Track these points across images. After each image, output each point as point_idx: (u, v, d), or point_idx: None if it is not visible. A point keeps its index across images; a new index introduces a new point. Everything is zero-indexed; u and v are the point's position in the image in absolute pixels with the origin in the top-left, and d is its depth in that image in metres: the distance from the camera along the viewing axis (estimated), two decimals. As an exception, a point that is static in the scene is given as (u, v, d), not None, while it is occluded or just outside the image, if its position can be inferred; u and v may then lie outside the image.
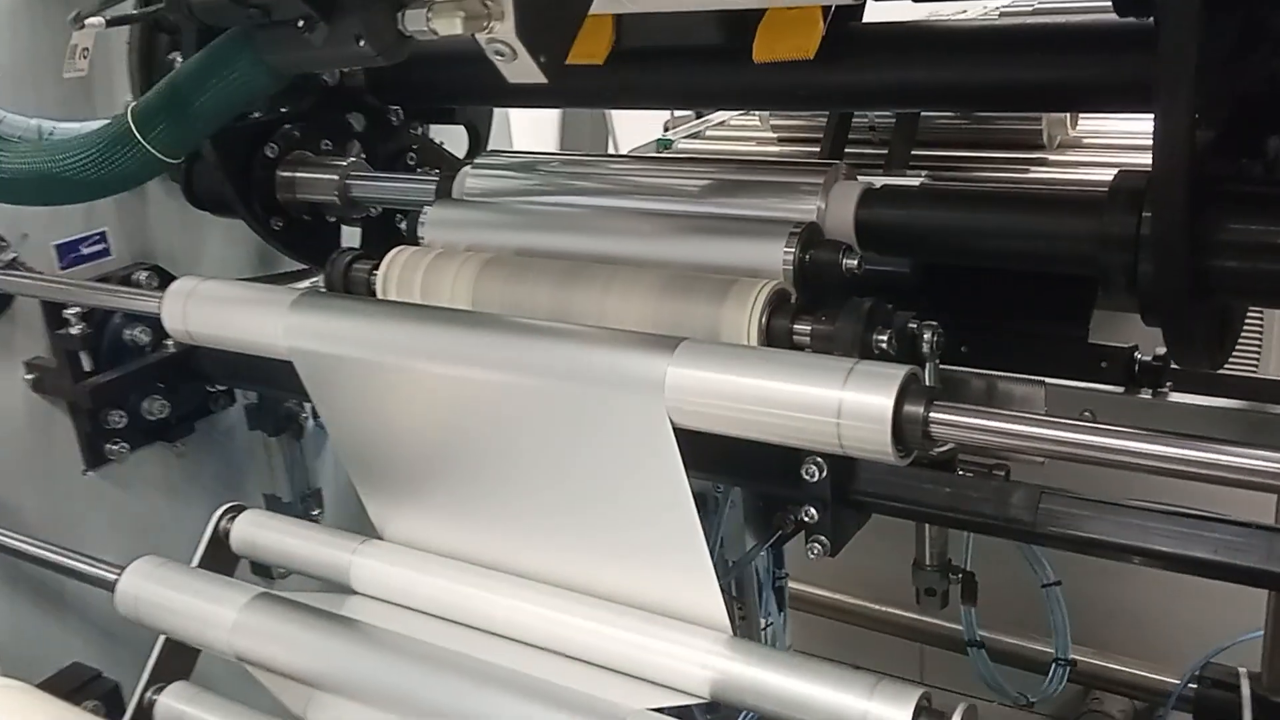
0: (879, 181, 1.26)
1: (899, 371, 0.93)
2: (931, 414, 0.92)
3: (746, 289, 1.13)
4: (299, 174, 1.60)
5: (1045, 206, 1.18)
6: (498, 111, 2.20)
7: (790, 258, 1.15)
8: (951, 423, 0.92)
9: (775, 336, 1.12)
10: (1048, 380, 1.35)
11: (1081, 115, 1.96)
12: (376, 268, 1.34)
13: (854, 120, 1.85)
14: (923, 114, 1.76)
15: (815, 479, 1.15)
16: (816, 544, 1.18)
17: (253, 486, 1.93)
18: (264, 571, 1.66)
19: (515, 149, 1.82)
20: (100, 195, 1.27)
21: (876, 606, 2.38)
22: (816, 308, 1.14)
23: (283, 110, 1.64)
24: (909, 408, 0.92)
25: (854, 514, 1.22)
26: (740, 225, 1.21)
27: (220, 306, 1.29)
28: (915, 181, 1.34)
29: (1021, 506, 1.13)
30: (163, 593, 1.31)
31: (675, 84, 1.44)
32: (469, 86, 1.65)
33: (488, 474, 1.22)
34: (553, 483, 1.17)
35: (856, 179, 1.27)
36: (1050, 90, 1.23)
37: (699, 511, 1.57)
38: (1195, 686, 1.58)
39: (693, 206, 1.29)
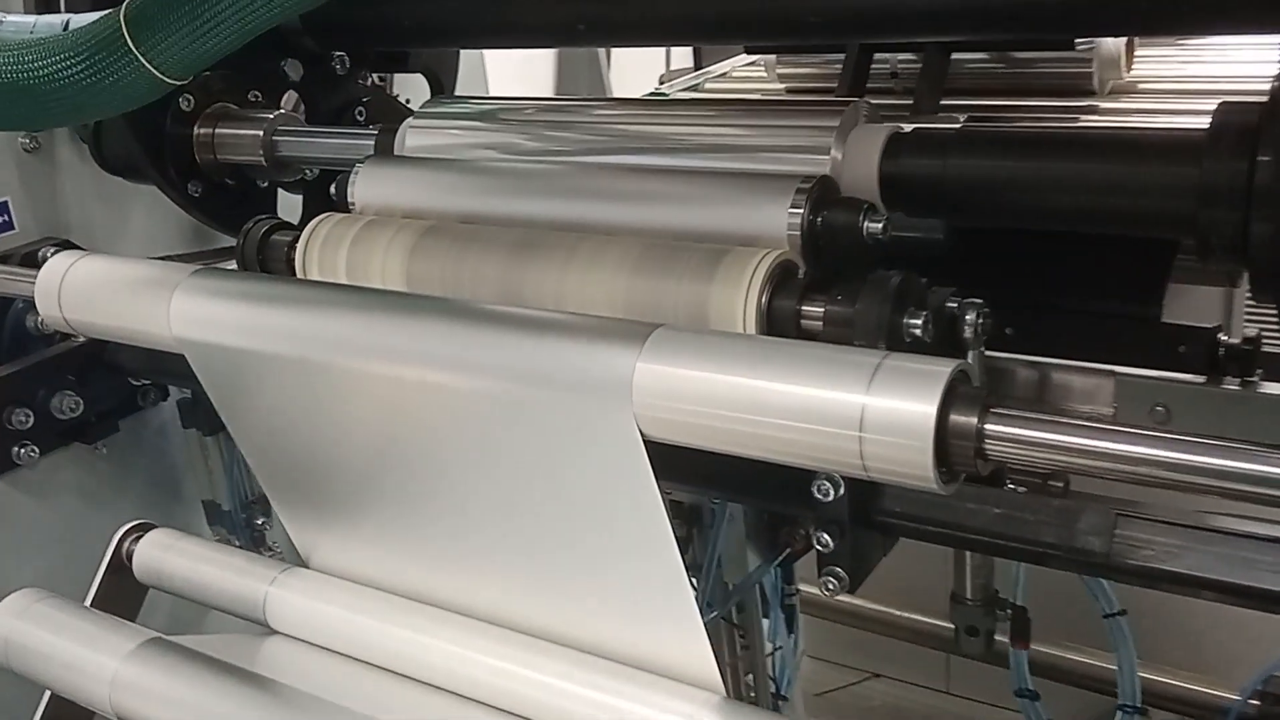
0: (909, 127, 1.01)
1: (943, 369, 0.69)
2: (988, 426, 0.68)
3: (741, 261, 0.88)
4: (219, 130, 1.35)
5: (1123, 152, 0.93)
6: (471, 58, 1.96)
7: (798, 220, 0.91)
8: (1017, 439, 0.68)
9: (778, 321, 0.88)
10: (1114, 369, 1.11)
11: (1137, 56, 1.70)
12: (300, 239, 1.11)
13: (874, 67, 1.60)
14: (954, 55, 1.50)
15: (830, 498, 0.91)
16: (831, 579, 0.95)
17: (190, 492, 1.70)
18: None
19: (469, 95, 1.57)
20: (77, 119, 0.97)
21: (900, 613, 2.14)
22: (831, 284, 0.89)
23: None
24: (958, 418, 0.68)
25: (878, 539, 0.99)
26: (736, 182, 0.97)
27: (99, 289, 1.06)
28: (953, 125, 1.09)
29: (1092, 533, 0.90)
30: (38, 636, 1.08)
31: (658, 14, 1.19)
32: (420, 26, 1.40)
33: (423, 493, 0.98)
34: (501, 506, 0.93)
35: (880, 122, 1.02)
36: (1130, 7, 0.97)
37: (692, 526, 1.35)
38: (1257, 703, 1.35)
39: (679, 160, 1.04)
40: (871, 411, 0.69)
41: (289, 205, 1.51)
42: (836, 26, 1.09)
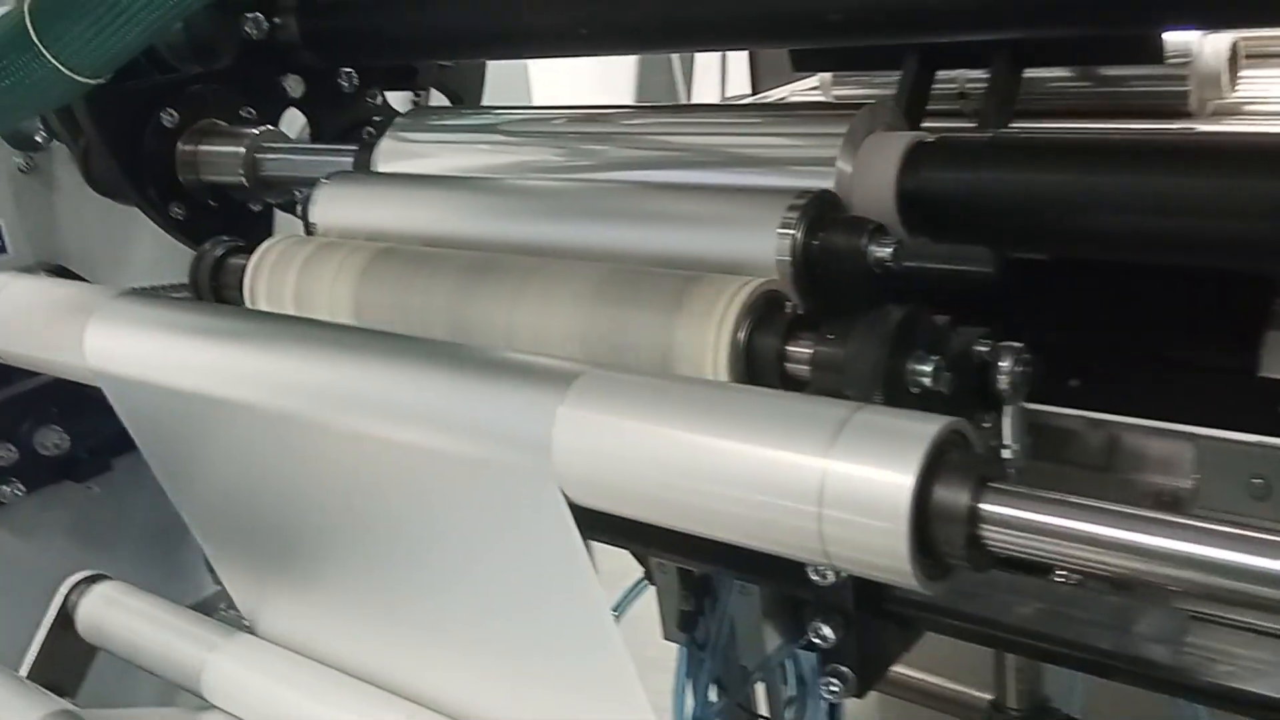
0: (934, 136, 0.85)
1: (928, 426, 0.52)
2: (984, 505, 0.51)
3: (715, 290, 0.73)
4: (201, 148, 1.25)
5: (1212, 162, 0.75)
6: (514, 73, 1.84)
7: (788, 243, 0.75)
8: (1023, 524, 0.51)
9: (757, 364, 0.71)
10: (1198, 431, 0.92)
11: (1242, 75, 1.49)
12: (260, 264, 0.98)
13: (940, 87, 1.43)
14: (1030, 73, 1.32)
15: (829, 580, 0.75)
16: (834, 680, 0.78)
17: (194, 538, 1.59)
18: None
19: (450, 106, 1.44)
20: None
21: (949, 685, 1.91)
22: (829, 321, 0.73)
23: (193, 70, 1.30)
24: (945, 493, 0.51)
25: (893, 633, 0.81)
26: (722, 198, 0.81)
27: (18, 313, 0.94)
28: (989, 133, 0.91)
29: (1157, 639, 0.71)
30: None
31: (669, 18, 1.05)
32: (420, 38, 1.28)
33: (362, 557, 0.84)
34: (435, 575, 0.79)
35: (902, 130, 0.86)
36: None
37: (703, 598, 1.19)
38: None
39: (667, 174, 0.89)
40: (834, 480, 0.52)
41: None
42: (862, 23, 0.93)
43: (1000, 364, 0.76)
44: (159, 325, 0.86)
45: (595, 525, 0.90)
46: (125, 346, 0.87)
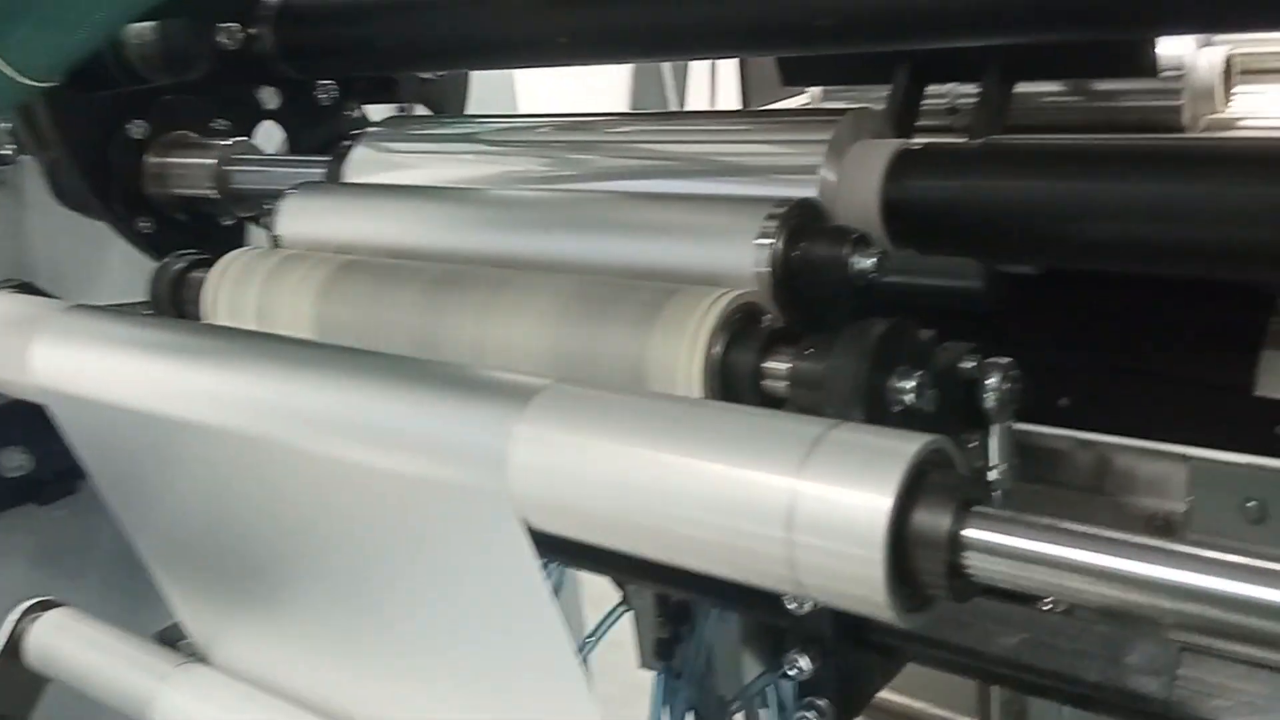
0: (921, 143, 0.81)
1: (907, 444, 0.49)
2: (967, 532, 0.47)
3: (691, 302, 0.69)
4: (169, 159, 1.21)
5: (1212, 166, 0.71)
6: (500, 85, 1.81)
7: (767, 253, 0.72)
8: (1010, 551, 0.47)
9: (733, 380, 0.68)
10: (1191, 451, 0.89)
11: (1236, 90, 1.47)
12: (223, 278, 0.95)
13: (930, 102, 1.40)
14: (1021, 88, 1.29)
15: (805, 609, 0.71)
16: (810, 713, 0.74)
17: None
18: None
19: (426, 115, 1.41)
20: None
21: (933, 710, 1.87)
22: (809, 335, 0.70)
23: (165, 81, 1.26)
24: (925, 517, 0.48)
25: (875, 662, 0.78)
26: (700, 207, 0.78)
27: (-35, 328, 0.91)
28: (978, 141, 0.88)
29: (1148, 671, 0.68)
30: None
31: (653, 25, 1.02)
32: (407, 49, 1.25)
33: (318, 584, 0.81)
34: (398, 606, 0.75)
35: (888, 138, 0.82)
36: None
37: (679, 625, 1.15)
38: None
39: (645, 183, 0.86)
40: (805, 503, 0.49)
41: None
42: (851, 29, 0.90)
43: (987, 380, 0.72)
44: (107, 340, 0.83)
45: (568, 550, 0.87)
46: (73, 362, 0.84)
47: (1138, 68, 1.13)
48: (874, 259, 0.71)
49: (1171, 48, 1.37)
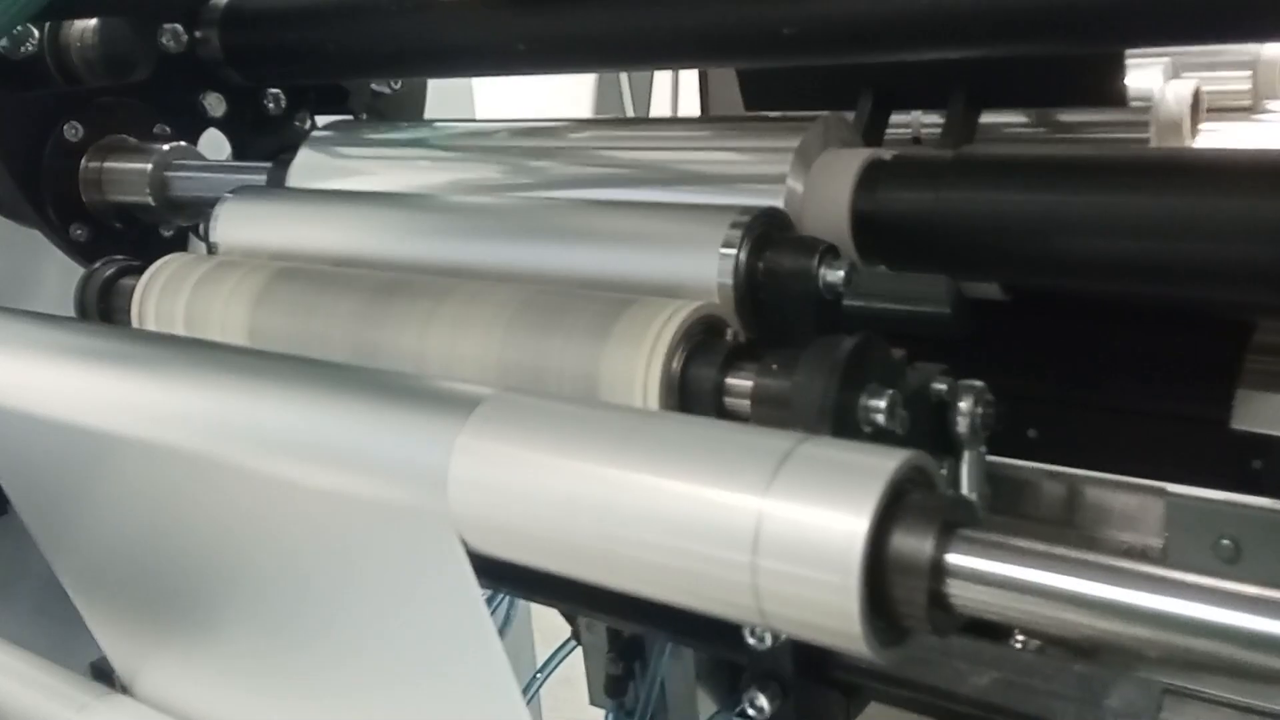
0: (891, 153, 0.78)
1: (885, 461, 0.44)
2: (950, 557, 0.43)
3: (647, 314, 0.65)
4: (107, 164, 1.16)
5: (1196, 177, 0.68)
6: (459, 95, 1.77)
7: (730, 264, 0.67)
8: (997, 579, 0.42)
9: (692, 397, 0.64)
10: (1164, 486, 0.86)
11: (1204, 126, 1.46)
12: (153, 285, 0.89)
13: (894, 132, 1.38)
14: (986, 119, 1.27)
15: (766, 644, 0.66)
16: (768, 756, 0.69)
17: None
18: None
19: (374, 120, 1.36)
20: None
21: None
22: (773, 351, 0.66)
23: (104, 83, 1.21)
24: (905, 541, 0.43)
25: (837, 702, 0.73)
26: (660, 214, 0.74)
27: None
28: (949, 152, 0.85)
29: (1126, 714, 0.64)
30: None
31: (611, 33, 0.99)
32: (359, 55, 1.20)
33: (247, 610, 0.75)
34: (332, 634, 0.69)
35: (859, 147, 0.79)
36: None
37: (632, 660, 1.10)
38: None
39: (601, 191, 0.82)
40: (771, 525, 0.44)
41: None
42: (814, 38, 0.87)
43: (960, 404, 0.69)
44: (23, 344, 0.77)
45: (514, 578, 0.82)
46: (-14, 369, 0.78)
47: (1107, 96, 1.10)
48: (843, 272, 0.67)
49: (1140, 80, 1.37)
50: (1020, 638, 0.73)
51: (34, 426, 0.75)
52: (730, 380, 0.63)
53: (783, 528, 0.44)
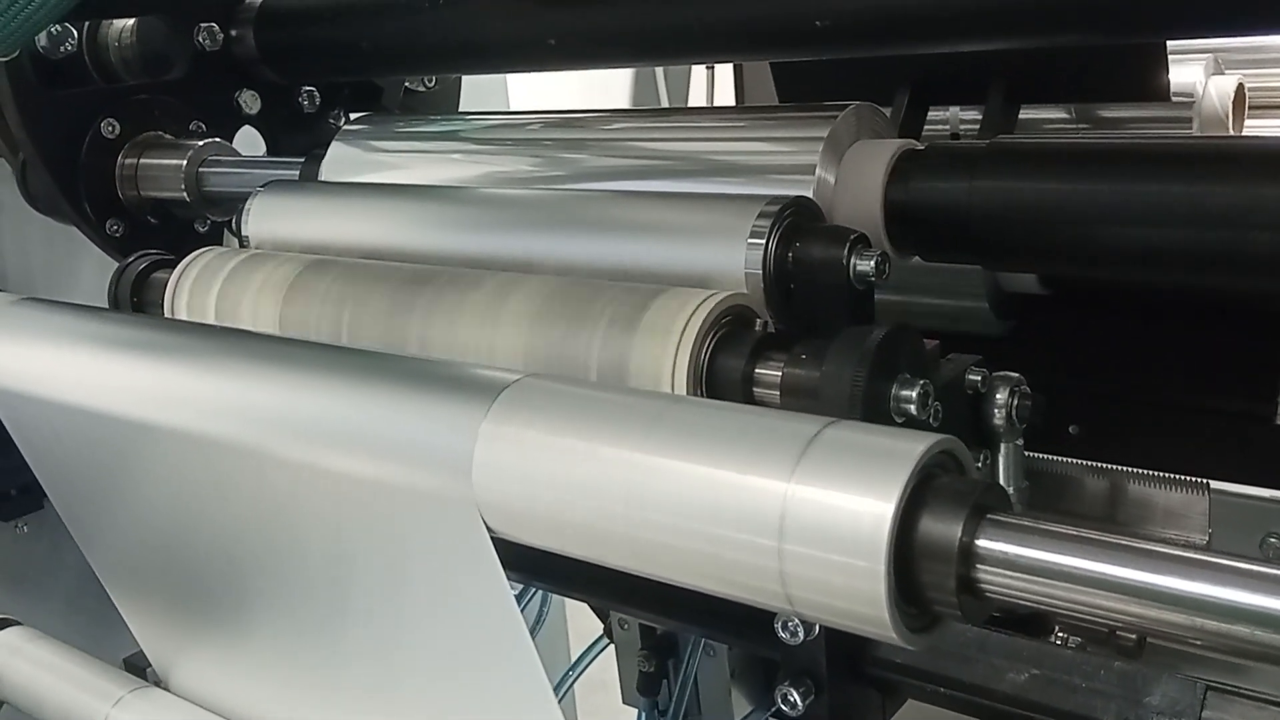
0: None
1: (913, 445, 0.43)
2: (982, 542, 0.42)
3: (676, 304, 0.64)
4: (143, 160, 1.16)
5: (1244, 166, 0.66)
6: (494, 90, 1.77)
7: (759, 254, 0.67)
8: (1030, 565, 0.41)
9: (720, 387, 0.63)
10: (1212, 484, 0.84)
11: (1249, 121, 1.43)
12: (187, 278, 0.90)
13: (931, 129, 1.36)
14: (1026, 114, 1.25)
15: (798, 639, 0.65)
16: (799, 755, 0.68)
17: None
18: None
19: (407, 115, 1.36)
20: None
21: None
22: (802, 341, 0.64)
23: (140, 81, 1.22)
24: (933, 525, 0.42)
25: (873, 699, 0.72)
26: (689, 205, 0.73)
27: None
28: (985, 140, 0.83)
29: (1170, 712, 0.62)
30: None
31: (643, 28, 0.98)
32: (391, 53, 1.20)
33: (280, 600, 0.75)
34: (363, 623, 0.69)
35: (894, 137, 0.78)
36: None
37: (666, 659, 1.08)
38: None
39: (632, 182, 0.81)
40: (796, 508, 0.43)
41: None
42: (847, 31, 0.86)
43: (995, 396, 0.67)
44: (60, 335, 0.78)
45: (542, 571, 0.81)
46: (23, 358, 0.78)
47: (1149, 90, 1.08)
48: (873, 261, 0.66)
49: (1182, 76, 1.34)
50: (1060, 634, 0.71)
51: (68, 417, 0.75)
52: (759, 370, 0.62)
53: (809, 511, 0.43)
